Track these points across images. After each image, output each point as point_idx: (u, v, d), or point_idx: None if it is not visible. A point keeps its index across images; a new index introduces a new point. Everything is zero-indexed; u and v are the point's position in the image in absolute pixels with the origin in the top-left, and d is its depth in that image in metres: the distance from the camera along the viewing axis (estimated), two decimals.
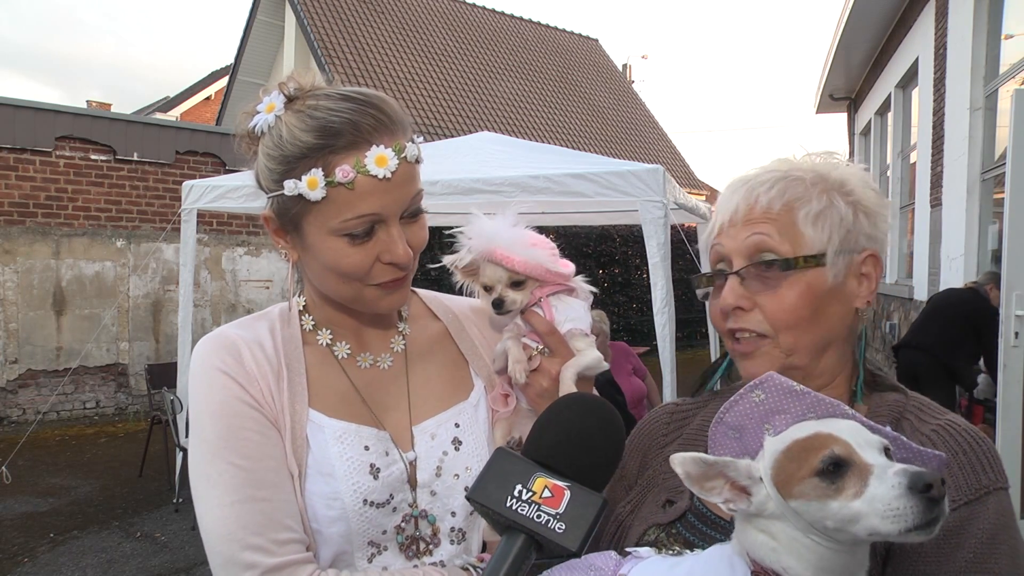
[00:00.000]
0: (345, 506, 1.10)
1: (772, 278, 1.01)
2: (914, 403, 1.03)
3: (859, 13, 10.13)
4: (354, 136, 1.05)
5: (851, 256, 1.02)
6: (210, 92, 25.64)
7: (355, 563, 1.13)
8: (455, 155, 5.58)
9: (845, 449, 0.75)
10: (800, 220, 1.01)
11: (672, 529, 1.04)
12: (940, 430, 0.95)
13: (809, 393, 0.83)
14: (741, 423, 0.87)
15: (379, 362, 1.23)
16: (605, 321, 5.47)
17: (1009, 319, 3.81)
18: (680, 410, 1.22)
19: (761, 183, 1.04)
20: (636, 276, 15.05)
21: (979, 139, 7.01)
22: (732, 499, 0.82)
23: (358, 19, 17.86)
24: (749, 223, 1.03)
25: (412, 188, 1.10)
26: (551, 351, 1.21)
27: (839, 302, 1.02)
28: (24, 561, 4.96)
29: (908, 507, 0.70)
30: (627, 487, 1.19)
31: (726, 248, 1.05)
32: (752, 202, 1.03)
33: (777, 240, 1.01)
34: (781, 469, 0.78)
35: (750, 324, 1.02)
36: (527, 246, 1.20)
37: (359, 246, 1.07)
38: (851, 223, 1.02)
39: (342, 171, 1.03)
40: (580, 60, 23.33)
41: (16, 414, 8.74)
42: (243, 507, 1.03)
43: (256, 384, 1.11)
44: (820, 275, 1.00)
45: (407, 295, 1.19)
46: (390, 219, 1.08)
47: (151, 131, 9.76)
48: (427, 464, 1.18)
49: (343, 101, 1.07)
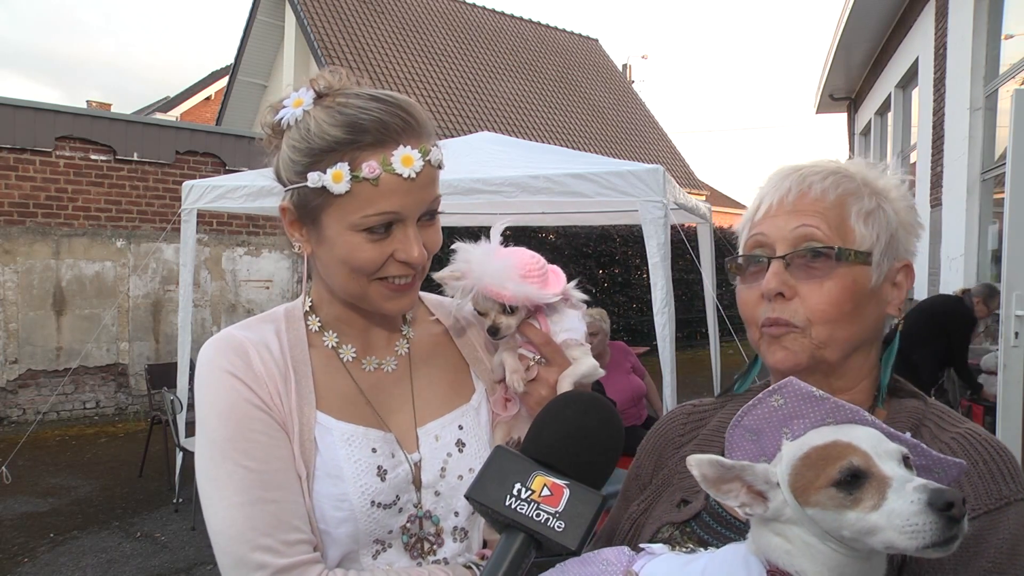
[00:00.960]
0: (353, 507, 1.11)
1: (820, 268, 0.99)
2: (934, 411, 1.01)
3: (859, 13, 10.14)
4: (382, 134, 1.06)
5: (892, 262, 1.02)
6: (210, 92, 25.63)
7: (360, 560, 1.14)
8: (455, 155, 5.50)
9: (864, 460, 0.74)
10: (852, 215, 1.00)
11: (686, 528, 1.04)
12: (960, 438, 0.94)
13: (828, 399, 0.82)
14: (759, 427, 0.86)
15: (384, 365, 1.23)
16: (606, 320, 5.46)
17: (1009, 319, 3.81)
18: (698, 410, 1.22)
19: (814, 172, 1.03)
20: (636, 276, 15.05)
21: (979, 139, 7.02)
22: (748, 503, 0.81)
23: (358, 19, 17.86)
24: (798, 212, 1.01)
25: (433, 191, 1.11)
26: (548, 361, 1.22)
27: (876, 304, 1.02)
28: (24, 561, 4.96)
29: (927, 524, 0.68)
30: (641, 486, 1.19)
31: (770, 236, 1.02)
32: (805, 188, 1.02)
33: (827, 233, 0.99)
34: (799, 476, 0.78)
35: (787, 314, 1.00)
36: (517, 279, 1.20)
37: (376, 242, 1.08)
38: (895, 229, 1.02)
39: (368, 167, 1.04)
40: (580, 60, 23.32)
41: (16, 414, 8.74)
42: (252, 508, 1.04)
43: (264, 386, 1.11)
44: (865, 273, 0.99)
45: (415, 300, 1.20)
46: (408, 219, 1.09)
47: (151, 131, 9.76)
48: (431, 465, 1.19)
49: (372, 101, 1.08)
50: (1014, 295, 3.77)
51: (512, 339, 1.25)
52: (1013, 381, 3.83)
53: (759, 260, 1.03)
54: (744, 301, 1.06)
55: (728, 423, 0.88)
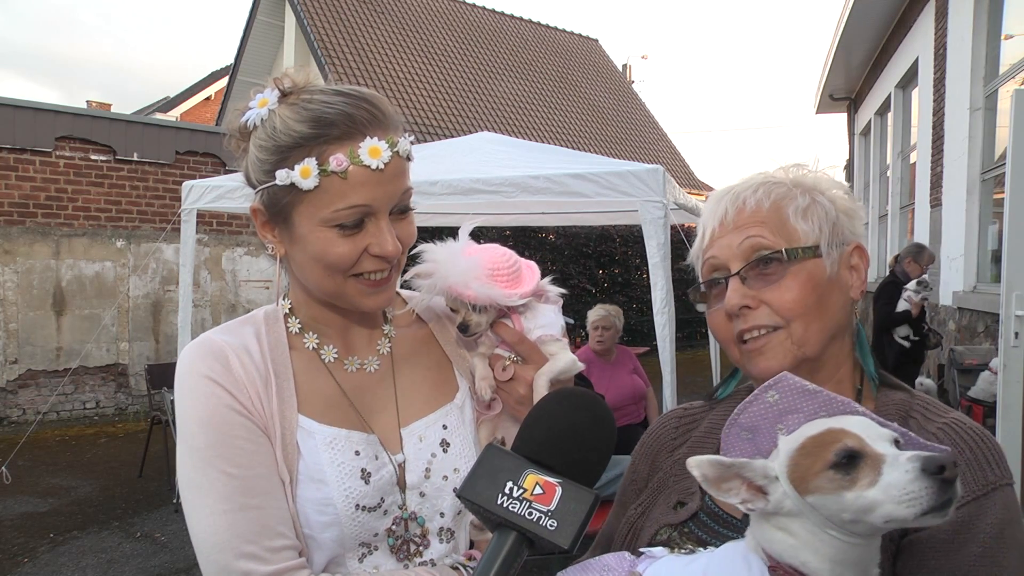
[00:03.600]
0: (338, 511, 1.10)
1: (774, 273, 1.02)
2: (919, 402, 1.04)
3: (859, 13, 10.14)
4: (348, 127, 1.05)
5: (841, 248, 1.06)
6: (210, 92, 25.62)
7: (346, 563, 1.13)
8: (455, 155, 5.58)
9: (857, 441, 0.77)
10: (791, 216, 1.04)
11: (684, 529, 1.05)
12: (946, 427, 0.97)
13: (821, 392, 0.84)
14: (755, 424, 0.88)
15: (366, 365, 1.22)
16: (620, 318, 5.46)
17: (1009, 319, 3.80)
18: (688, 414, 1.24)
19: (744, 188, 1.08)
20: (636, 276, 15.04)
21: (979, 139, 7.02)
22: (749, 499, 0.83)
23: (358, 19, 17.86)
24: (740, 228, 1.05)
25: (403, 183, 1.10)
26: (524, 359, 1.21)
27: (839, 292, 1.05)
28: (24, 561, 4.96)
29: (922, 489, 0.71)
30: (637, 490, 1.20)
31: (721, 257, 1.07)
32: (740, 205, 1.06)
33: (772, 239, 1.03)
34: (796, 466, 0.80)
35: (760, 320, 1.03)
36: (483, 278, 1.18)
37: (348, 237, 1.07)
38: (835, 217, 1.06)
39: (336, 160, 1.03)
40: (580, 60, 23.32)
41: (16, 414, 8.74)
42: (236, 516, 1.03)
43: (245, 391, 1.10)
44: (819, 265, 1.03)
45: (392, 296, 1.18)
46: (380, 212, 1.08)
47: (151, 131, 9.76)
48: (416, 466, 1.18)
49: (337, 95, 1.08)
50: (1014, 295, 3.76)
51: (488, 339, 1.24)
52: (1013, 381, 3.83)
53: (718, 282, 1.07)
54: (715, 325, 1.10)
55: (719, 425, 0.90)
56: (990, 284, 6.79)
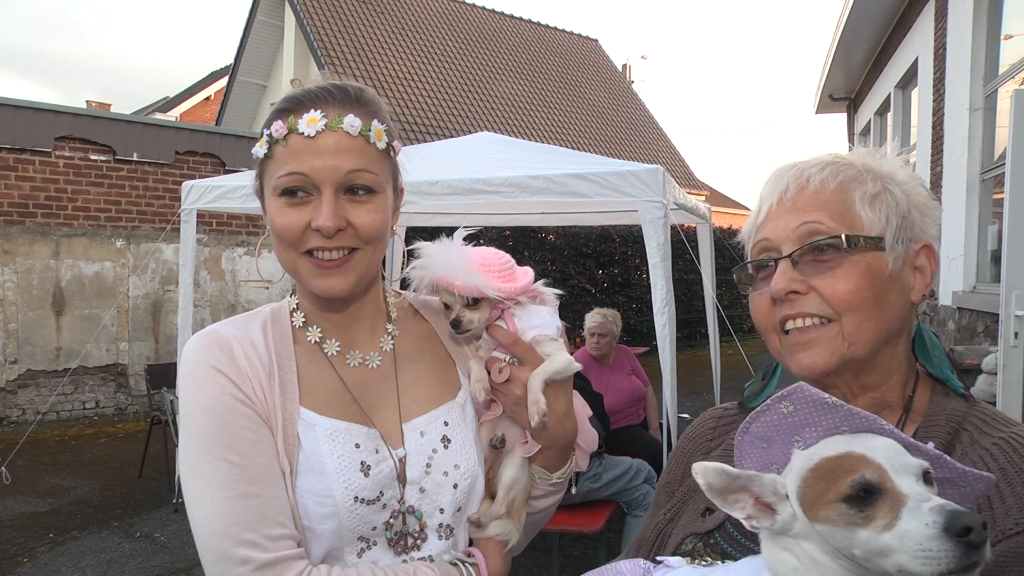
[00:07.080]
0: (336, 503, 1.10)
1: (830, 260, 0.93)
2: (978, 413, 0.94)
3: (859, 13, 10.14)
4: (301, 101, 1.12)
5: (908, 245, 0.96)
6: (210, 92, 25.61)
7: (344, 558, 1.14)
8: (455, 155, 5.58)
9: (877, 474, 0.69)
10: (857, 201, 0.95)
11: (710, 539, 1.00)
12: (1002, 443, 0.87)
13: (842, 406, 0.76)
14: (768, 434, 0.81)
15: (368, 361, 1.23)
16: (617, 322, 5.46)
17: (1009, 319, 3.80)
18: (727, 414, 1.17)
19: (811, 166, 0.98)
20: (636, 276, 15.04)
21: (979, 139, 7.02)
22: (755, 516, 0.77)
23: (358, 19, 17.85)
24: (799, 209, 0.96)
25: (348, 161, 1.10)
26: (519, 360, 1.21)
27: (899, 291, 0.95)
28: (24, 561, 4.95)
29: (942, 550, 0.63)
30: (670, 493, 1.16)
31: (774, 239, 0.97)
32: (803, 182, 0.97)
33: (832, 225, 0.94)
34: (808, 488, 0.73)
35: (808, 307, 0.93)
36: (469, 270, 1.19)
37: (293, 207, 1.10)
38: (906, 210, 0.96)
39: (276, 127, 1.10)
40: (580, 60, 23.32)
41: (16, 414, 8.74)
42: (236, 503, 1.04)
43: (248, 382, 1.11)
44: (880, 259, 0.93)
45: (349, 283, 1.14)
46: (323, 185, 1.09)
47: (151, 131, 9.76)
48: (416, 461, 1.18)
49: (321, 83, 1.15)
50: (1014, 295, 3.76)
51: (486, 342, 1.24)
52: (1013, 381, 3.83)
53: (767, 264, 0.98)
54: (757, 309, 1.00)
55: None
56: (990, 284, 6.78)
